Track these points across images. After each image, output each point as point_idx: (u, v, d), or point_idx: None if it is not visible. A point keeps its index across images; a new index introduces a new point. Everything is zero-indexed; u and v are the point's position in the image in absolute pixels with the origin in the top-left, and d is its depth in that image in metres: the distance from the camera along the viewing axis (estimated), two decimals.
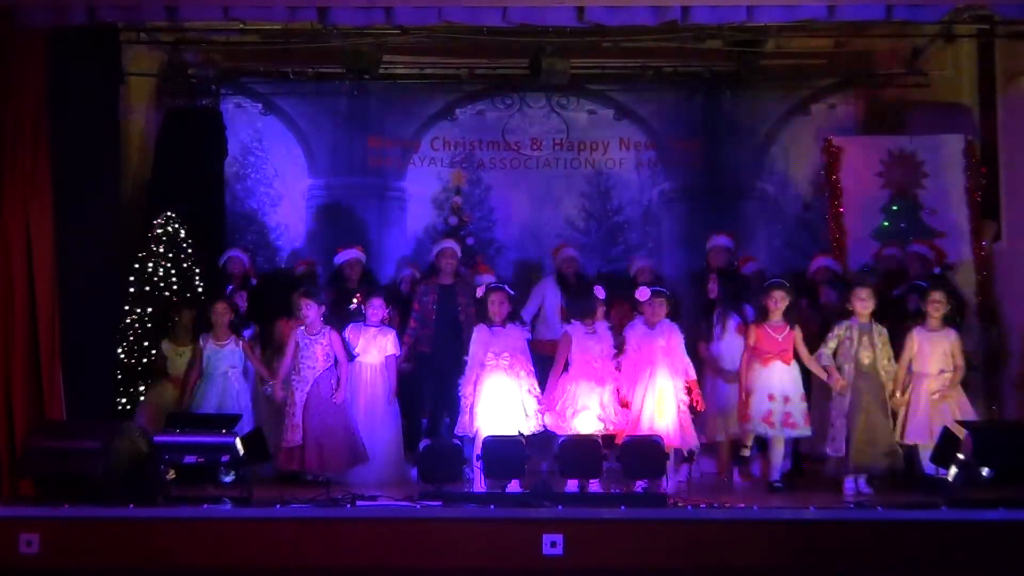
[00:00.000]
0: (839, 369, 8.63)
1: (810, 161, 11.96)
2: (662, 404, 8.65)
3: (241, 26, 10.25)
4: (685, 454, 8.88)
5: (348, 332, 9.33)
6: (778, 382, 8.76)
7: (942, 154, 10.95)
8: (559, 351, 8.82)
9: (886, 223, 10.89)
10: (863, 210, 10.94)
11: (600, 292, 8.90)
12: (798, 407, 8.76)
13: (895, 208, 10.91)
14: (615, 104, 12.44)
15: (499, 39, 10.55)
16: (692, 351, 9.12)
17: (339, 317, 9.51)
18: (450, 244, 10.17)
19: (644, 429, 8.57)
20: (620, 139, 12.45)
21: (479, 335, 8.87)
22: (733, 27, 9.79)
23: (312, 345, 9.04)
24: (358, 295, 9.97)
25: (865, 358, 8.57)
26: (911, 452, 8.68)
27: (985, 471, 7.51)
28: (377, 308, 9.42)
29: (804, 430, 8.78)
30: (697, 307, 9.80)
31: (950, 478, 7.66)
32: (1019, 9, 8.65)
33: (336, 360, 9.03)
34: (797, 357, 8.84)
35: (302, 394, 8.99)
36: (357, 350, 9.31)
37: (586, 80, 12.13)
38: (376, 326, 9.41)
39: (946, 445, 7.90)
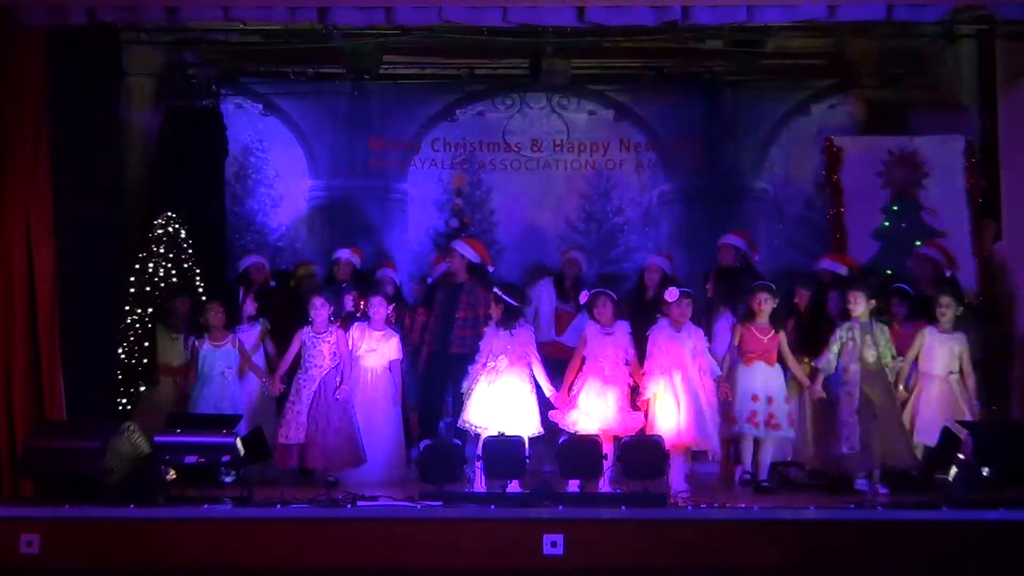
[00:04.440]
0: (844, 370, 8.67)
1: (810, 161, 11.94)
2: (666, 404, 8.65)
3: (241, 26, 10.23)
4: (711, 457, 8.91)
5: (353, 331, 9.36)
6: (761, 382, 8.83)
7: (943, 154, 10.94)
8: (576, 350, 8.89)
9: (887, 223, 10.88)
10: (864, 210, 10.94)
11: (583, 296, 8.95)
12: (781, 408, 8.81)
13: (896, 208, 10.91)
14: (615, 105, 12.43)
15: (499, 39, 10.53)
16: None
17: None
18: (453, 244, 10.18)
19: (658, 430, 8.57)
20: (620, 140, 12.44)
21: (487, 336, 8.91)
22: (733, 27, 9.76)
23: (319, 344, 9.10)
24: (354, 294, 9.96)
25: (869, 356, 8.61)
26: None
27: (986, 471, 7.52)
28: (378, 306, 9.41)
29: (788, 432, 8.84)
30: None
31: (951, 478, 7.67)
32: (1019, 9, 8.66)
33: (341, 358, 9.11)
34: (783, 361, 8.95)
35: (309, 392, 9.05)
36: (359, 351, 9.33)
37: (586, 81, 12.11)
38: (381, 329, 9.42)
39: (947, 445, 7.91)
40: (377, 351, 9.38)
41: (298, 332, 9.20)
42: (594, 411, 8.62)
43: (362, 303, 9.84)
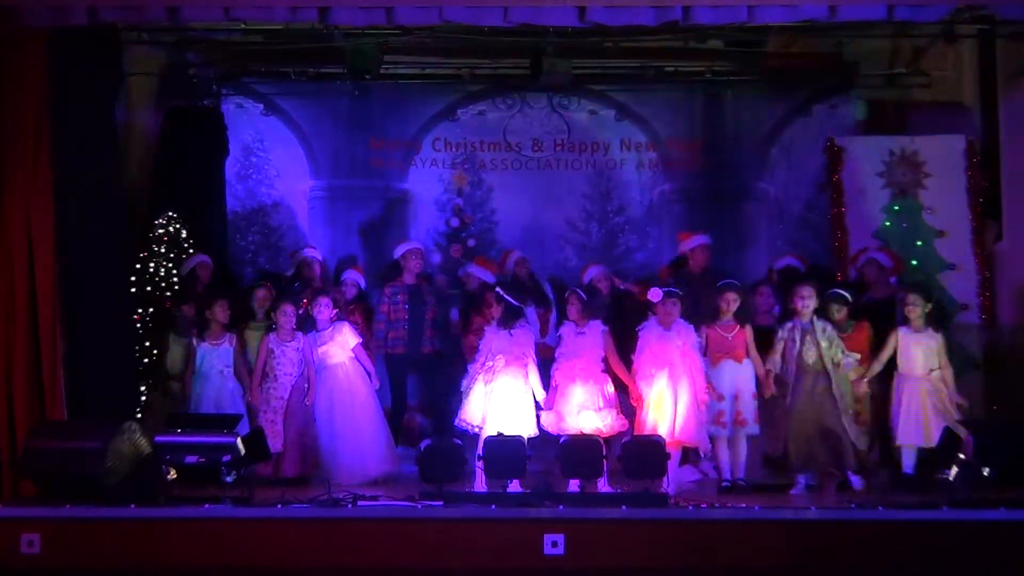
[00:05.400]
0: (786, 371, 8.70)
1: (811, 161, 11.95)
2: (662, 405, 8.63)
3: (242, 26, 10.26)
4: (703, 455, 8.91)
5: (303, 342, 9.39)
6: (728, 381, 8.80)
7: (943, 154, 10.92)
8: (556, 351, 8.85)
9: (888, 223, 10.87)
10: (865, 210, 10.93)
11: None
12: (748, 404, 8.81)
13: (896, 208, 10.89)
14: (616, 105, 12.44)
15: (500, 39, 10.55)
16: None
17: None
18: (414, 245, 10.20)
19: (649, 429, 8.55)
20: (621, 140, 12.45)
21: (486, 336, 8.89)
22: (734, 27, 9.78)
23: (287, 351, 9.12)
24: (304, 298, 9.92)
25: (809, 357, 8.59)
26: (896, 453, 8.77)
27: (986, 471, 7.52)
28: (324, 307, 9.40)
29: (753, 428, 8.83)
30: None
31: (951, 478, 7.67)
32: (1019, 9, 8.66)
33: (306, 364, 9.23)
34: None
35: (281, 401, 9.07)
36: (319, 354, 9.30)
37: (587, 80, 12.11)
38: (328, 326, 9.40)
39: (947, 445, 7.91)
40: (333, 344, 9.35)
41: (264, 339, 9.22)
42: (569, 411, 8.59)
43: (304, 302, 9.80)
